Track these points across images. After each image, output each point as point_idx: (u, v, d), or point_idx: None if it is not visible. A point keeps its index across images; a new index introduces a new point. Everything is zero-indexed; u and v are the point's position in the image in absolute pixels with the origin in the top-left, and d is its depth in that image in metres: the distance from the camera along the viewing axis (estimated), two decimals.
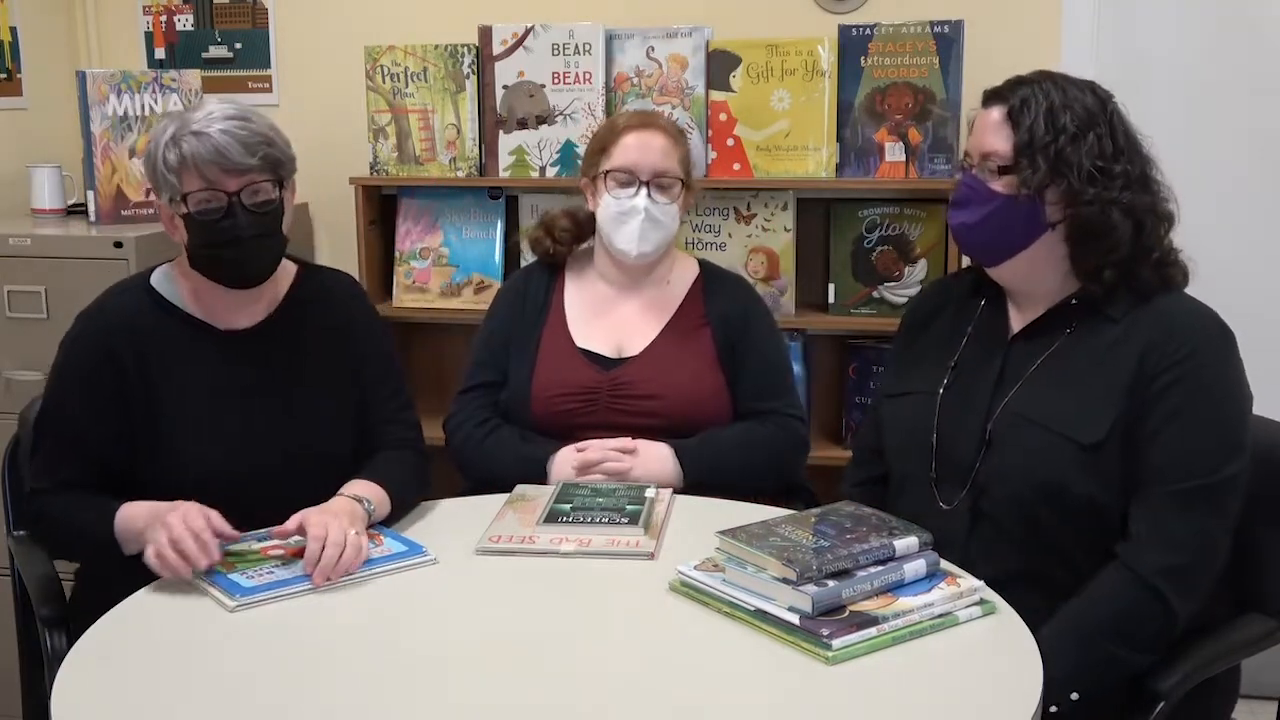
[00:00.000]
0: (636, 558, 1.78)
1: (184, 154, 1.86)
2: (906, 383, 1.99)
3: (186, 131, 1.87)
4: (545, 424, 2.25)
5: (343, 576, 1.71)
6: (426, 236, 3.05)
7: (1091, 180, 1.76)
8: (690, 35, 2.83)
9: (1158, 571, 1.67)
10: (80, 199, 3.02)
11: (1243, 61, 2.88)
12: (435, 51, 2.93)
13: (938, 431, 1.88)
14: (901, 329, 2.10)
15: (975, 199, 1.84)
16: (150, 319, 1.98)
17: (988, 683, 1.45)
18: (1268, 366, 2.01)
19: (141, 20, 3.33)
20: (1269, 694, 2.31)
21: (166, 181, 1.90)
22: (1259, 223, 2.93)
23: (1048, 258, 1.82)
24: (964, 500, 1.83)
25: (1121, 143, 1.80)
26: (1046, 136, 1.77)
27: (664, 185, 2.27)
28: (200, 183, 1.87)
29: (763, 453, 2.24)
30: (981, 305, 1.95)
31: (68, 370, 1.98)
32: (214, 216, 1.88)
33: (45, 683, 1.69)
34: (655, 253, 2.29)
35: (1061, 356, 1.82)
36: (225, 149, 1.85)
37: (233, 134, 1.87)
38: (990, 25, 2.85)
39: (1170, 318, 1.77)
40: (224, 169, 1.87)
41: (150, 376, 1.95)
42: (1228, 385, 1.75)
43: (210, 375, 1.98)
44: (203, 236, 1.90)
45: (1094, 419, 1.74)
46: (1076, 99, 1.80)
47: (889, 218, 2.86)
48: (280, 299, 2.06)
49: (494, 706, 1.39)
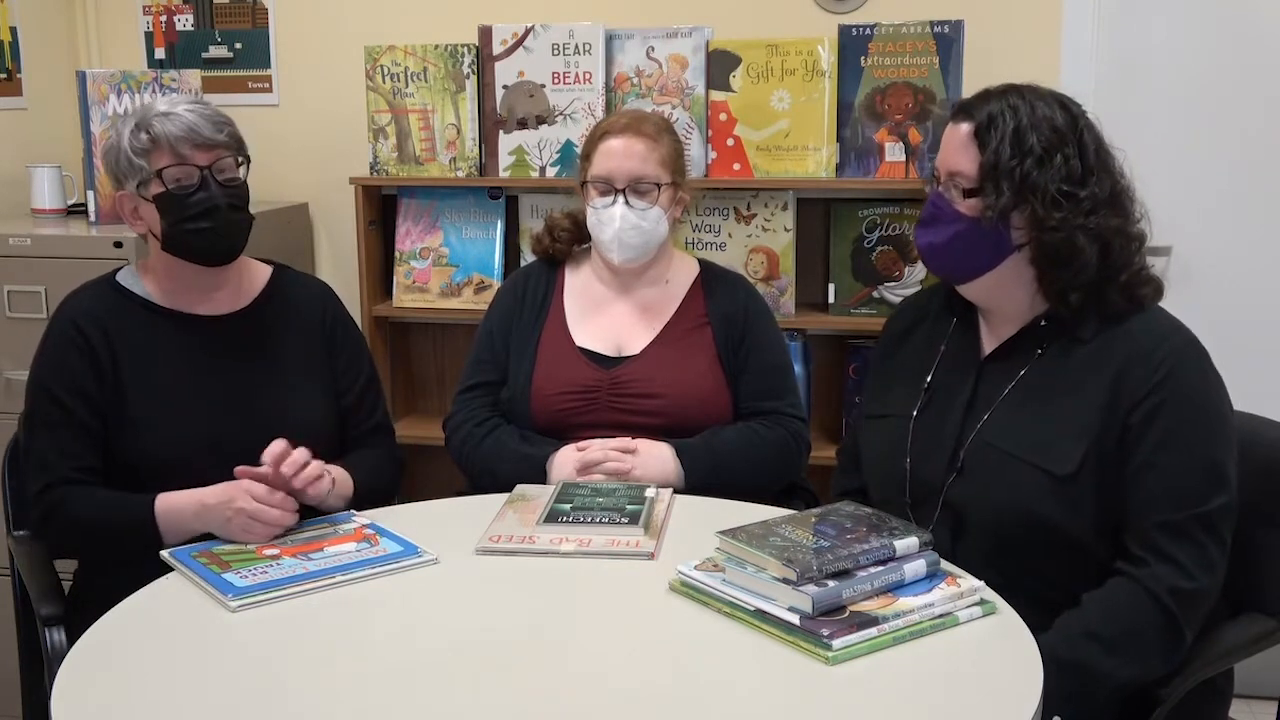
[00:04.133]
0: (636, 558, 1.78)
1: (155, 135, 1.95)
2: (883, 404, 1.99)
3: (152, 116, 1.96)
4: (545, 423, 2.25)
5: (299, 483, 1.87)
6: (426, 236, 3.05)
7: (1057, 205, 1.74)
8: (690, 35, 2.83)
9: (1170, 591, 1.66)
10: (80, 199, 3.03)
11: (1242, 62, 2.88)
12: (435, 51, 2.93)
13: (910, 455, 1.88)
14: (879, 343, 2.10)
15: (941, 218, 1.82)
16: (115, 307, 2.05)
17: (988, 683, 1.45)
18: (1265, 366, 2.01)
19: (141, 20, 3.33)
20: (1269, 694, 2.32)
21: (134, 166, 1.97)
22: (1259, 222, 2.93)
23: (1015, 278, 1.81)
24: (940, 524, 1.82)
25: (1091, 161, 1.77)
26: (1012, 160, 1.74)
27: (641, 190, 2.25)
28: (172, 158, 1.95)
29: (764, 453, 2.24)
30: (954, 323, 1.94)
31: (44, 360, 2.02)
32: (188, 190, 1.96)
33: (45, 683, 1.70)
34: (641, 257, 2.29)
35: (1033, 380, 1.81)
36: (196, 126, 1.96)
37: (198, 113, 1.98)
38: (990, 25, 2.85)
39: (1142, 341, 1.74)
40: (195, 144, 1.96)
41: (118, 359, 2.00)
42: (1209, 404, 1.73)
43: (182, 357, 2.03)
44: (178, 211, 1.97)
45: (1066, 449, 1.73)
46: (1045, 117, 1.76)
47: (889, 218, 2.86)
48: (256, 293, 2.13)
49: (494, 706, 1.39)
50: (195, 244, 1.99)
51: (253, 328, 2.10)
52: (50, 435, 1.98)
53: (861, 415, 2.08)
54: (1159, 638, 1.67)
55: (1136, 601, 1.67)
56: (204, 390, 2.02)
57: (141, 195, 1.98)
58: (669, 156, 2.29)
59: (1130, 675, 1.67)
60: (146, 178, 1.96)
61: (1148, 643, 1.67)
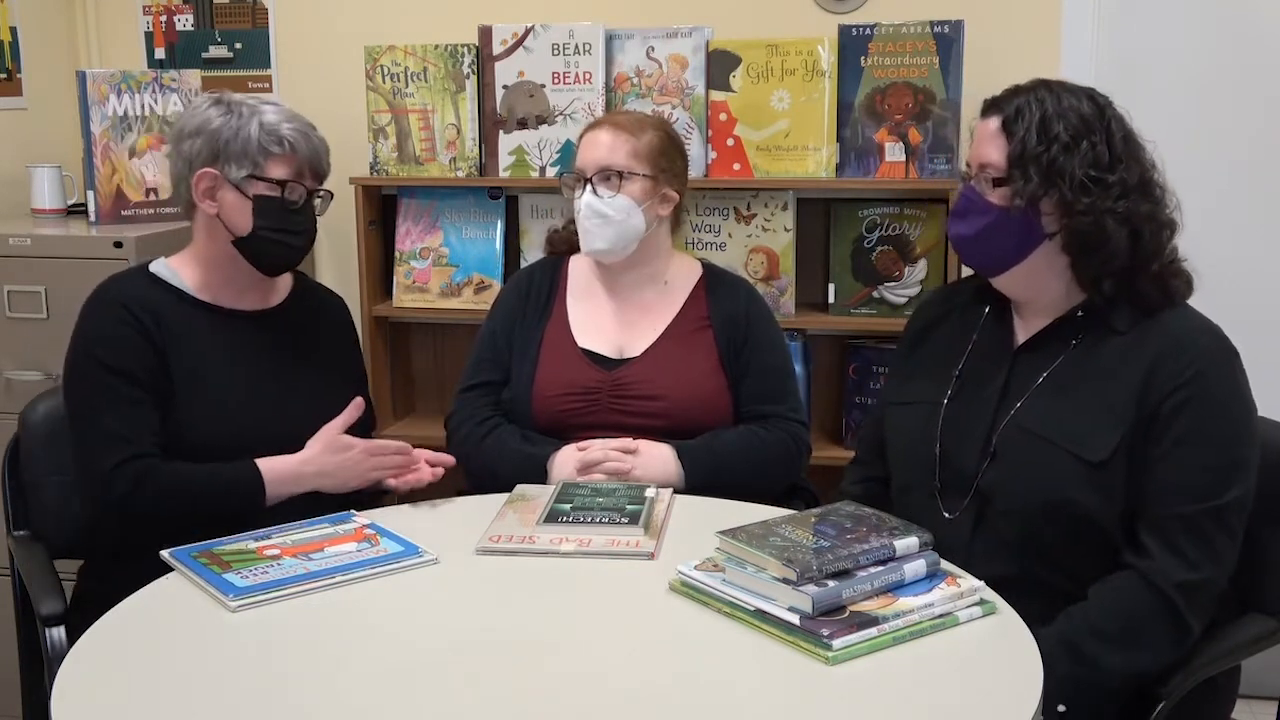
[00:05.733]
0: (636, 558, 1.78)
1: (290, 146, 2.02)
2: (911, 391, 1.99)
3: (282, 123, 2.03)
4: (546, 424, 2.25)
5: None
6: (426, 236, 3.05)
7: (1085, 190, 1.75)
8: (690, 35, 2.83)
9: (1175, 585, 1.67)
10: (80, 199, 3.03)
11: (1242, 61, 2.88)
12: (435, 51, 2.93)
13: (941, 442, 1.88)
14: (905, 335, 2.09)
15: (973, 210, 1.84)
16: (156, 294, 2.07)
17: (988, 683, 1.45)
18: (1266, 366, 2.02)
19: (141, 20, 3.33)
20: (1269, 694, 2.32)
21: (250, 159, 2.01)
22: (1259, 223, 2.93)
23: (1048, 268, 1.82)
24: (966, 510, 1.83)
25: (1119, 150, 1.78)
26: (1039, 146, 1.76)
27: (604, 177, 2.24)
28: (294, 173, 2.05)
29: (764, 455, 2.24)
30: (985, 313, 1.95)
31: (95, 342, 2.00)
32: (292, 206, 2.05)
33: (45, 683, 1.70)
34: (614, 250, 2.26)
35: (1067, 369, 1.81)
36: (322, 156, 2.09)
37: (321, 143, 2.10)
38: (990, 25, 2.85)
39: (1176, 336, 1.76)
40: (315, 172, 2.09)
41: (166, 344, 2.02)
42: (1234, 407, 1.74)
43: (218, 349, 2.06)
44: (275, 220, 2.04)
45: (1100, 436, 1.74)
46: (1071, 107, 1.78)
47: (889, 218, 2.86)
48: (284, 295, 2.20)
49: (493, 706, 1.39)
50: (273, 253, 2.07)
51: (286, 325, 2.16)
52: (117, 410, 1.96)
53: (885, 403, 2.07)
54: (1163, 629, 1.68)
55: (1139, 594, 1.68)
56: (240, 382, 2.06)
57: (236, 185, 2.01)
58: (647, 150, 2.26)
59: (1134, 667, 1.68)
60: (257, 175, 2.01)
61: (1151, 635, 1.67)
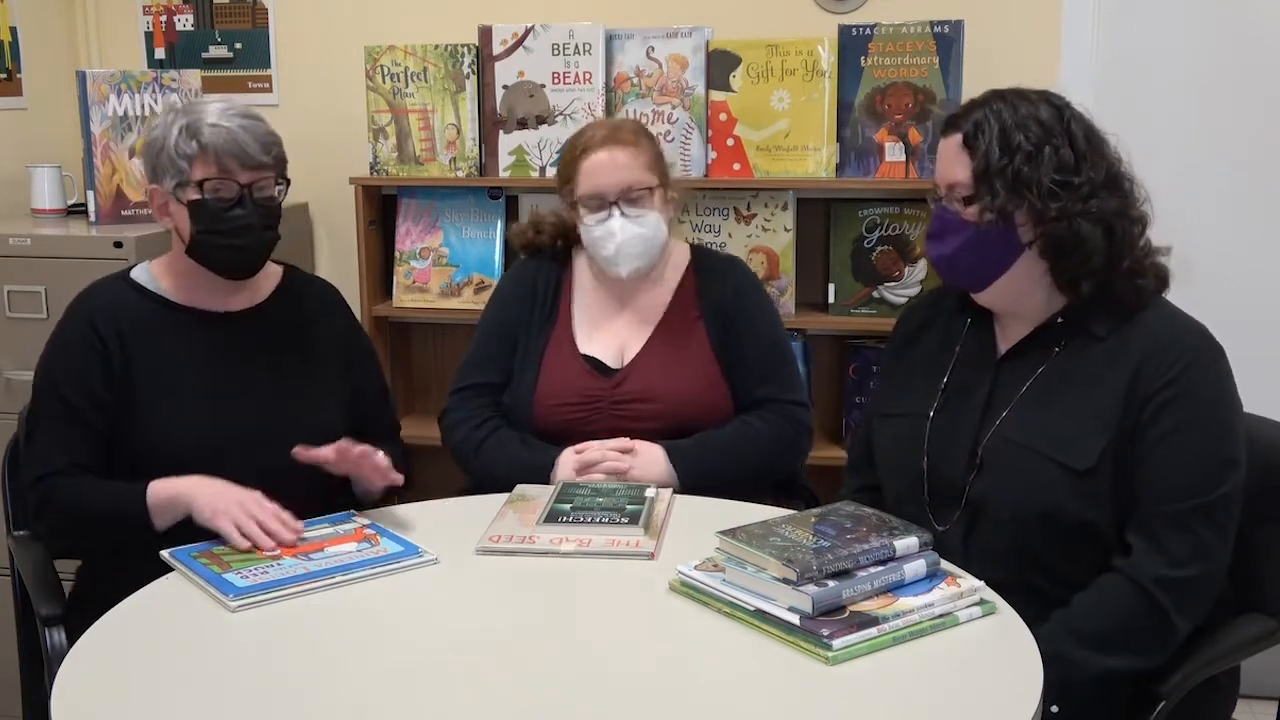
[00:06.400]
0: (636, 558, 1.78)
1: (203, 143, 1.95)
2: (897, 403, 1.99)
3: (204, 123, 1.96)
4: (547, 430, 2.24)
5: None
6: (426, 236, 3.05)
7: (1054, 195, 1.75)
8: (690, 35, 2.83)
9: (1155, 581, 1.67)
10: (80, 199, 3.02)
11: (1242, 62, 2.88)
12: (435, 51, 2.93)
13: (928, 454, 1.88)
14: (891, 342, 2.09)
15: (949, 230, 1.83)
16: (131, 303, 2.05)
17: (988, 683, 1.45)
18: (1267, 366, 2.01)
19: (141, 20, 3.33)
20: (1269, 694, 2.32)
21: (175, 167, 1.97)
22: (1259, 222, 2.93)
23: (1028, 276, 1.81)
24: (958, 522, 1.83)
25: (1082, 149, 1.78)
26: (1002, 159, 1.76)
27: (634, 198, 2.23)
28: (215, 171, 1.96)
29: (760, 449, 2.22)
30: (968, 324, 1.94)
31: (55, 355, 2.03)
32: (225, 205, 1.97)
33: (45, 683, 1.70)
34: (648, 265, 2.27)
35: (1050, 377, 1.81)
36: (245, 144, 1.96)
37: (249, 131, 1.98)
38: (990, 25, 2.85)
39: (1160, 336, 1.75)
40: (241, 162, 1.97)
41: (132, 357, 2.00)
42: (1221, 402, 1.74)
43: (197, 354, 2.04)
44: (210, 222, 1.98)
45: (1085, 443, 1.74)
46: (1030, 114, 1.78)
47: (889, 218, 2.86)
48: (269, 293, 2.14)
49: (493, 706, 1.39)
50: (221, 257, 2.02)
51: (268, 326, 2.11)
52: (50, 430, 1.98)
53: (873, 413, 2.07)
54: (1146, 627, 1.68)
55: (1120, 592, 1.69)
56: (218, 386, 2.03)
57: (176, 196, 1.99)
58: (652, 159, 2.27)
59: (1120, 666, 1.68)
60: (185, 181, 1.97)
61: (1134, 633, 1.68)
